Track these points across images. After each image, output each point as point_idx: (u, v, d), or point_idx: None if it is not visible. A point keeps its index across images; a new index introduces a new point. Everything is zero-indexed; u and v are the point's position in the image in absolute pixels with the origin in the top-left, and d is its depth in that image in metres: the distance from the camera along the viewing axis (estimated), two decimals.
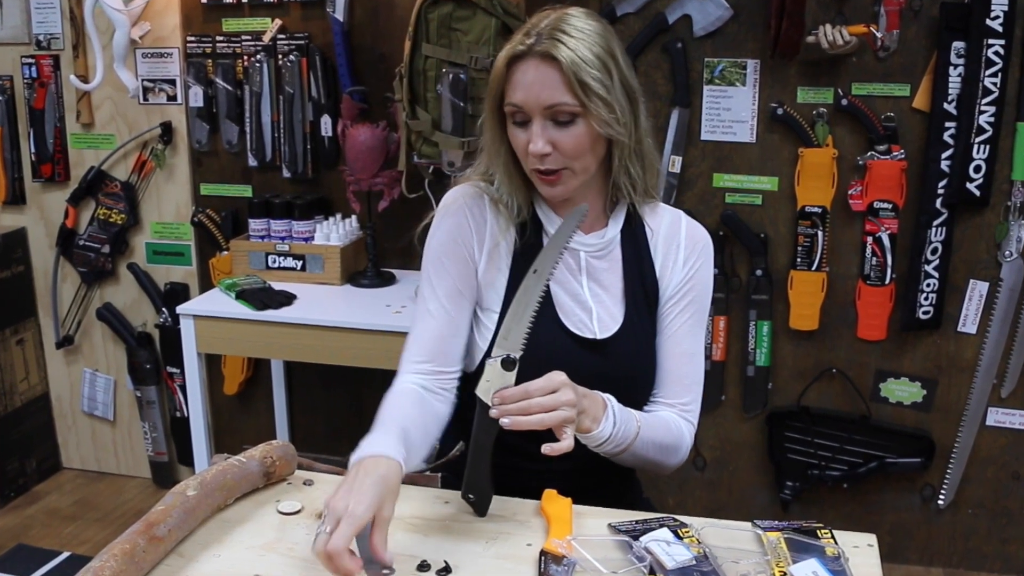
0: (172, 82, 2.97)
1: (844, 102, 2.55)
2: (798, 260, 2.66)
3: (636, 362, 1.52)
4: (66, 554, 2.84)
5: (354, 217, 2.88)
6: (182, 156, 3.03)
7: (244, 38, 2.89)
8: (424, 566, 1.22)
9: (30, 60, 3.05)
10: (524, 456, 1.42)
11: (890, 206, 2.58)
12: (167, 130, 3.00)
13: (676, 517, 1.33)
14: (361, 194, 2.75)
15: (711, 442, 2.87)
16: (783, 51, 2.49)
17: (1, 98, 3.09)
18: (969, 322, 2.64)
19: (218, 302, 2.66)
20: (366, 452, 1.24)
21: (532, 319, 1.33)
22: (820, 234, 2.63)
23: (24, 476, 3.25)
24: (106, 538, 2.48)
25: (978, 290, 2.61)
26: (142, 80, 2.98)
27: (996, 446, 2.70)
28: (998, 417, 2.68)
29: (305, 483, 1.45)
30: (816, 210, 2.62)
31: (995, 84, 2.44)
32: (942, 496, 2.75)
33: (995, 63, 2.43)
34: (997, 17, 2.40)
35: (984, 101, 2.45)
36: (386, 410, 1.37)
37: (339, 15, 2.75)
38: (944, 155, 2.50)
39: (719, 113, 2.65)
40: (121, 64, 2.89)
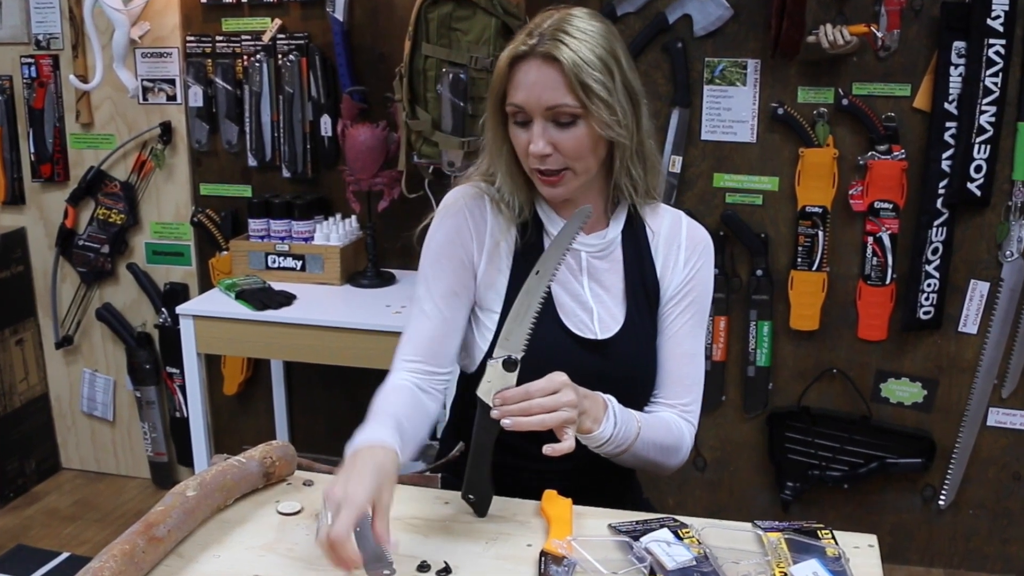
0: (172, 82, 2.97)
1: (845, 102, 2.55)
2: (798, 260, 2.66)
3: (636, 362, 1.52)
4: (65, 555, 2.83)
5: (354, 217, 2.87)
6: (182, 156, 3.03)
7: (244, 38, 2.88)
8: (424, 567, 1.22)
9: (29, 60, 3.05)
10: (524, 456, 1.42)
11: (891, 206, 2.58)
12: (167, 130, 2.99)
13: (676, 517, 1.33)
14: (361, 194, 2.75)
15: (711, 442, 2.87)
16: (784, 51, 2.48)
17: (0, 98, 3.09)
18: (970, 322, 2.63)
19: (218, 302, 2.65)
20: (361, 442, 1.25)
21: (534, 320, 1.33)
22: (821, 234, 2.63)
23: (23, 476, 3.25)
24: (106, 539, 2.48)
25: (979, 290, 2.61)
26: (141, 80, 2.98)
27: (997, 447, 2.69)
28: (999, 417, 2.68)
29: (305, 484, 1.45)
30: (817, 210, 2.61)
31: (996, 84, 2.43)
32: (943, 497, 2.75)
33: (996, 63, 2.42)
34: (998, 17, 2.40)
35: (985, 101, 2.45)
36: (379, 403, 1.38)
37: (339, 15, 2.74)
38: (945, 155, 2.50)
39: (719, 113, 2.65)
40: (120, 64, 2.89)
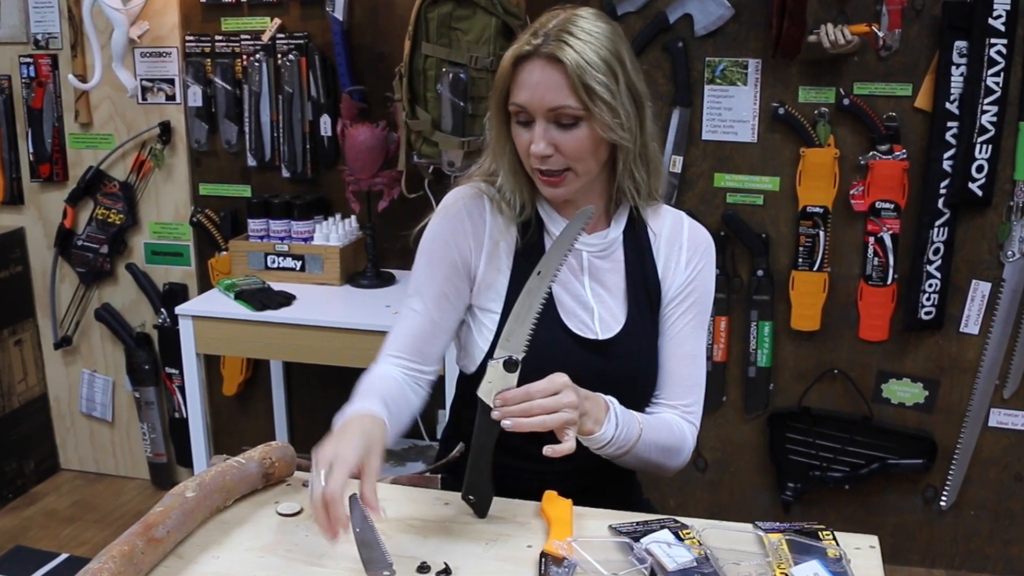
0: (171, 82, 2.97)
1: (846, 102, 2.54)
2: (799, 260, 2.66)
3: (637, 363, 1.52)
4: (64, 556, 2.83)
5: (353, 217, 2.87)
6: (181, 156, 3.02)
7: (243, 37, 2.88)
8: (424, 567, 1.21)
9: (28, 59, 3.04)
10: (525, 457, 1.41)
11: (892, 206, 2.57)
12: (166, 130, 2.99)
13: (677, 518, 1.33)
14: (361, 194, 2.74)
15: (712, 443, 2.87)
16: (784, 50, 2.48)
17: None
18: (971, 323, 2.63)
19: (217, 303, 2.65)
20: (351, 412, 1.30)
21: (535, 321, 1.32)
22: (822, 234, 2.62)
23: (22, 477, 3.24)
24: (105, 539, 2.47)
25: (980, 290, 2.60)
26: (141, 80, 2.98)
27: (998, 447, 2.69)
28: (1000, 418, 2.67)
29: (304, 484, 1.44)
30: (818, 210, 2.61)
31: (997, 83, 2.43)
32: (944, 497, 2.74)
33: (997, 62, 2.42)
34: (999, 16, 2.40)
35: (986, 101, 2.44)
36: (366, 385, 1.42)
37: (339, 14, 2.74)
38: (946, 155, 2.50)
39: (720, 113, 2.64)
40: (119, 63, 2.89)
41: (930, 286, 2.58)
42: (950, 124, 2.48)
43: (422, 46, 2.47)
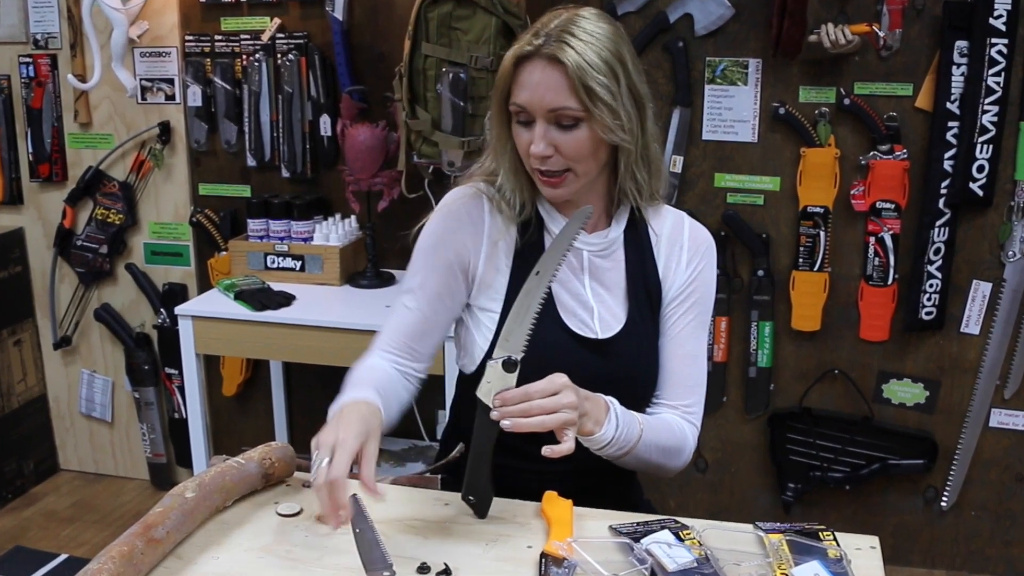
0: (170, 81, 2.96)
1: (846, 101, 2.54)
2: (800, 260, 2.65)
3: (638, 363, 1.51)
4: (64, 556, 2.83)
5: (353, 217, 2.86)
6: (180, 156, 3.02)
7: (243, 37, 2.88)
8: (424, 568, 1.21)
9: (27, 59, 3.04)
10: (525, 458, 1.41)
11: (892, 206, 2.57)
12: (165, 130, 2.99)
13: (677, 519, 1.32)
14: (360, 194, 2.74)
15: (713, 443, 2.86)
16: (785, 50, 2.48)
17: None
18: (972, 323, 2.63)
19: (217, 303, 2.65)
20: (346, 400, 1.33)
21: (534, 321, 1.32)
22: (822, 234, 2.62)
23: (22, 478, 3.24)
24: (104, 540, 2.47)
25: (981, 291, 2.60)
26: (140, 79, 2.97)
27: (999, 448, 2.69)
28: (1001, 418, 2.67)
29: (304, 485, 1.44)
30: (818, 210, 2.61)
31: (998, 83, 2.43)
32: (945, 498, 2.74)
33: (998, 62, 2.42)
34: (1000, 16, 2.39)
35: (987, 100, 2.44)
36: (357, 375, 1.44)
37: (338, 14, 2.74)
38: (947, 155, 2.49)
39: (720, 113, 2.64)
40: (119, 63, 2.88)
41: (931, 286, 2.58)
42: (951, 124, 2.48)
43: (422, 46, 2.47)
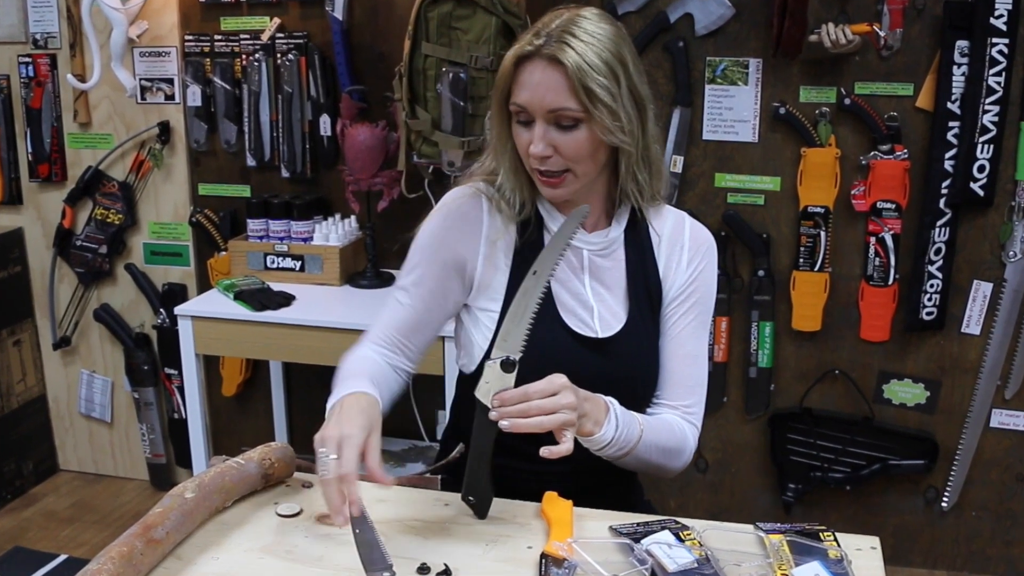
0: (170, 81, 2.96)
1: (847, 101, 2.54)
2: (800, 261, 2.65)
3: (638, 362, 1.51)
4: (63, 557, 2.82)
5: (353, 217, 2.86)
6: (180, 156, 3.02)
7: (242, 37, 2.87)
8: (424, 569, 1.21)
9: (27, 59, 3.04)
10: (525, 458, 1.40)
11: (893, 206, 2.57)
12: (165, 130, 2.98)
13: (678, 519, 1.32)
14: (360, 194, 2.74)
15: (713, 444, 2.86)
16: (785, 50, 2.47)
17: None
18: (973, 323, 2.62)
19: (216, 303, 2.64)
20: (344, 393, 1.33)
21: (532, 321, 1.32)
22: (823, 234, 2.61)
23: (21, 478, 3.24)
24: (103, 540, 2.47)
25: (982, 291, 2.60)
26: (140, 79, 2.97)
27: (1000, 448, 2.68)
28: (1002, 419, 2.66)
29: (304, 485, 1.44)
30: (819, 210, 2.60)
31: (999, 83, 2.42)
32: (946, 498, 2.74)
33: (999, 62, 2.41)
34: (1001, 16, 2.39)
35: (988, 100, 2.44)
36: (349, 367, 1.44)
37: (338, 14, 2.73)
38: (948, 155, 2.49)
39: (721, 112, 2.64)
40: (118, 63, 2.88)
41: (931, 286, 2.57)
42: (951, 124, 2.48)
43: (422, 46, 2.47)
